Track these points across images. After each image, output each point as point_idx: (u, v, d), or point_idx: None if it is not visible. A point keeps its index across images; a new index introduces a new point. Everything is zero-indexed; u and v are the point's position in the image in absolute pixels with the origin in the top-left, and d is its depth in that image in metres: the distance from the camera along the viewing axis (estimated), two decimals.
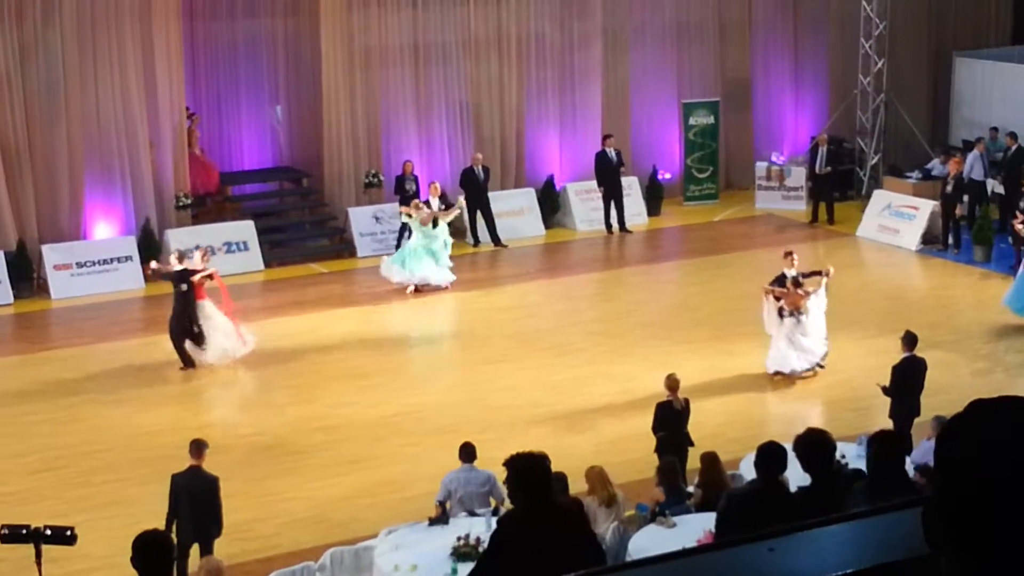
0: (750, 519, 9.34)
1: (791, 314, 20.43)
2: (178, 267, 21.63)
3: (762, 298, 20.96)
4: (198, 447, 14.59)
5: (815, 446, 9.66)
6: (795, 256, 21.09)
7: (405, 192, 28.05)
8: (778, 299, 20.59)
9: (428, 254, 25.38)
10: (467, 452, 14.67)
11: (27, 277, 25.79)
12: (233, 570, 13.95)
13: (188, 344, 21.41)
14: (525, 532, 8.46)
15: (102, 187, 26.78)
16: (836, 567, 2.99)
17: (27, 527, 12.13)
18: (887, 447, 9.92)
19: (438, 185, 26.72)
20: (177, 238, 26.82)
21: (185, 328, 21.38)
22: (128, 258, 25.97)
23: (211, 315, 21.52)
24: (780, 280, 20.64)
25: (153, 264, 22.75)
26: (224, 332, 21.50)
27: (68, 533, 12.25)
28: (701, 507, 13.89)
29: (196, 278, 21.38)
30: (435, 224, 25.53)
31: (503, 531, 8.88)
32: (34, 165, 26.30)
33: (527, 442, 10.58)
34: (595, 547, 9.34)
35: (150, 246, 26.58)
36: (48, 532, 12.15)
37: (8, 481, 17.08)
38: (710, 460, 14.46)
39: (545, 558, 8.06)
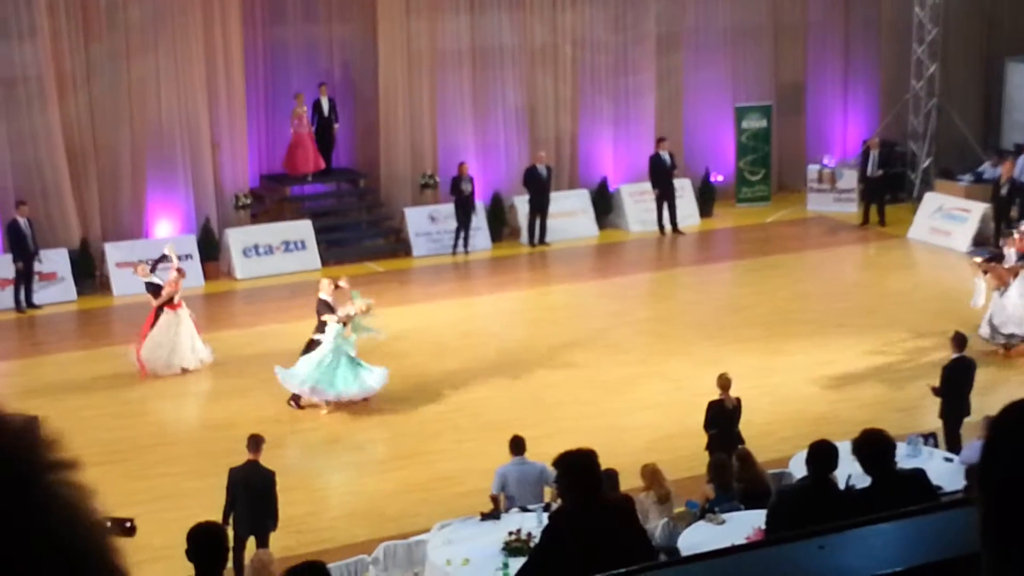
0: (800, 517, 9.49)
1: (998, 291, 21.62)
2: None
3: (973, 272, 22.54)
4: (256, 442, 14.80)
5: (875, 446, 9.71)
6: (1016, 236, 22.27)
7: (461, 193, 28.27)
8: (985, 272, 21.79)
9: (351, 362, 20.08)
10: (517, 445, 14.71)
11: (90, 274, 26.23)
12: (288, 562, 14.04)
13: None
14: (576, 528, 8.63)
15: (163, 187, 27.18)
16: (886, 565, 3.02)
17: None
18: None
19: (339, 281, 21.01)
20: (236, 237, 27.22)
21: None
22: (188, 256, 26.31)
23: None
24: (997, 256, 22.30)
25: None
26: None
27: (128, 524, 12.49)
28: (742, 501, 14.05)
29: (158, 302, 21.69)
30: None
31: (554, 526, 9.05)
32: (98, 165, 26.78)
33: (578, 439, 10.74)
34: (644, 543, 9.52)
35: (210, 245, 26.97)
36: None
37: None
38: (743, 457, 14.66)
39: (595, 554, 8.23)
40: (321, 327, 20.03)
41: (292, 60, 29.37)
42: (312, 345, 20.17)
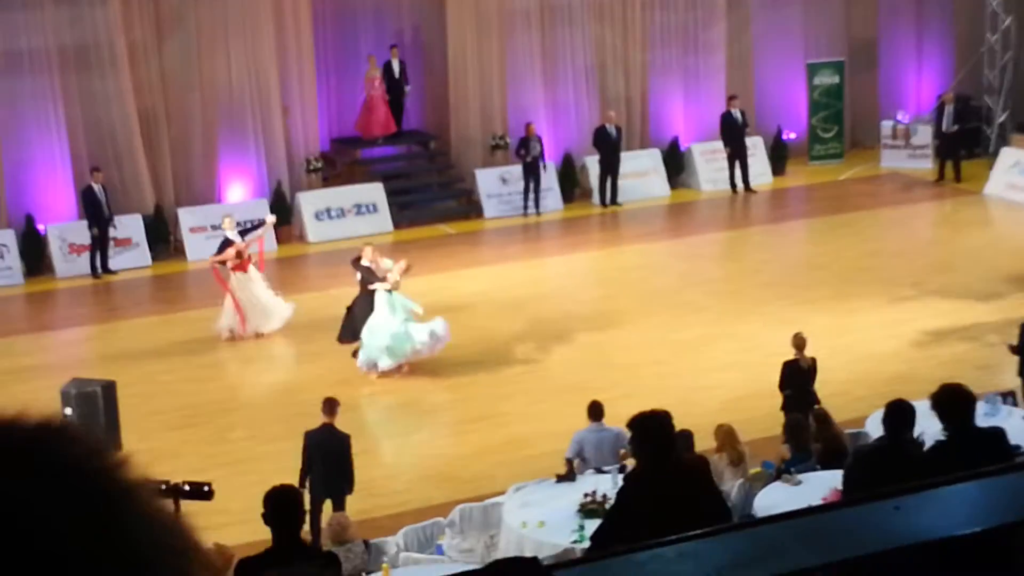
0: (876, 476, 9.42)
1: None
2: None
3: None
4: (330, 405, 14.89)
5: (955, 399, 9.60)
6: None
7: (528, 153, 28.19)
8: None
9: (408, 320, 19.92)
10: (595, 411, 14.77)
11: (164, 239, 26.49)
12: (364, 525, 14.27)
13: None
14: (651, 489, 8.63)
15: (235, 152, 27.35)
16: (962, 525, 3.02)
17: (166, 482, 12.51)
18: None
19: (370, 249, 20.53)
20: (308, 200, 27.37)
21: None
22: (261, 221, 26.39)
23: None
24: None
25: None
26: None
27: (206, 489, 12.57)
28: (821, 460, 14.00)
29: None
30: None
31: (629, 488, 9.06)
32: (170, 131, 27.00)
33: (652, 400, 10.73)
34: (720, 504, 9.50)
35: (282, 209, 27.08)
36: (186, 487, 12.52)
37: (147, 438, 17.49)
38: (820, 417, 14.60)
39: (671, 514, 8.21)
40: (368, 294, 20.01)
41: (361, 22, 29.41)
42: (352, 312, 20.16)
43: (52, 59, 25.85)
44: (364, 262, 20.19)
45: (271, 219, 23.24)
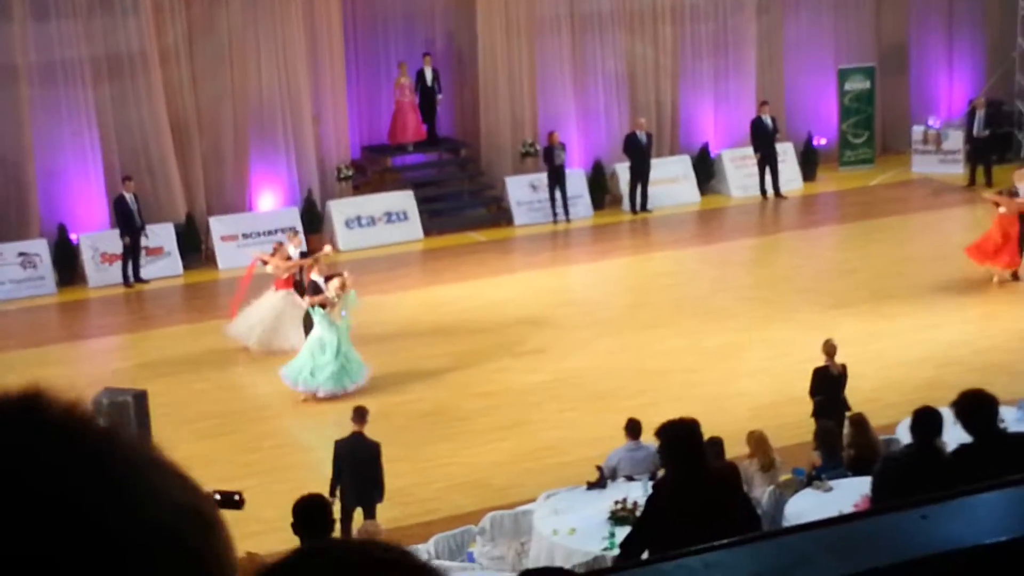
0: (904, 484, 9.39)
1: None
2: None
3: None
4: (360, 414, 14.92)
5: (977, 405, 9.52)
6: None
7: (553, 162, 28.19)
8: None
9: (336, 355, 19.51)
10: (633, 429, 14.54)
11: (195, 248, 26.58)
12: (395, 533, 14.27)
13: None
14: (680, 497, 8.65)
15: (266, 160, 27.44)
16: (990, 534, 2.96)
17: None
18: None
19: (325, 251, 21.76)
20: (339, 208, 27.41)
21: None
22: (293, 229, 26.42)
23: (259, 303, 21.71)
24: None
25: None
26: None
27: (236, 498, 12.60)
28: (851, 466, 13.94)
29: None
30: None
31: (659, 496, 9.07)
32: (202, 140, 27.12)
33: (682, 407, 10.75)
34: (750, 511, 9.50)
35: (312, 217, 27.17)
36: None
37: (179, 446, 17.00)
38: (857, 422, 14.53)
39: (700, 522, 8.22)
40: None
41: (391, 30, 29.45)
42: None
43: (85, 69, 25.97)
44: (313, 275, 20.07)
45: (328, 248, 22.86)
